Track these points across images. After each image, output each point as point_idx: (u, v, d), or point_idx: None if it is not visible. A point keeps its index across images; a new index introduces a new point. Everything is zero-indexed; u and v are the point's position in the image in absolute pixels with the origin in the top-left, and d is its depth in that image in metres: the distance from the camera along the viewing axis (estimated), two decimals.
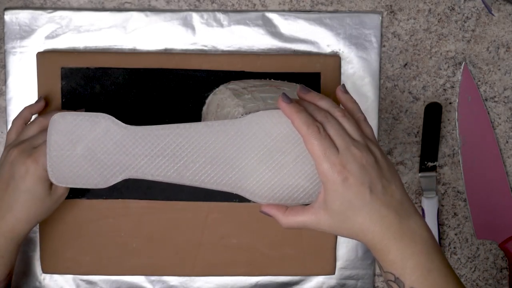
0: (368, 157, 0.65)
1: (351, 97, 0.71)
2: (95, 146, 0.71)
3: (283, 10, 0.87)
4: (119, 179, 0.71)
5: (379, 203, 0.64)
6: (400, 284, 0.65)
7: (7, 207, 0.76)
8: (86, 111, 0.84)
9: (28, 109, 0.82)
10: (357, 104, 0.70)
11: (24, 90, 0.86)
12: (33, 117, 0.83)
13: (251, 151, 0.68)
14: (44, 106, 0.83)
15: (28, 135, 0.78)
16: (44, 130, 0.78)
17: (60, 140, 0.71)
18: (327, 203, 0.65)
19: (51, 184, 0.77)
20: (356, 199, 0.64)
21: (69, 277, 0.89)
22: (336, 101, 0.87)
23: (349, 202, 0.64)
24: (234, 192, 0.69)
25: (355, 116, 0.69)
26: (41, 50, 0.86)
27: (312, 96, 0.69)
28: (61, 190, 0.78)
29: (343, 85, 0.71)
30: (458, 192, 0.91)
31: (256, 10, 0.87)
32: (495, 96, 0.90)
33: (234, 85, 0.82)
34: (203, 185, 0.70)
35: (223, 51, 0.87)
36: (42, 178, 0.75)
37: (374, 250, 0.66)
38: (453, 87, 0.89)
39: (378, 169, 0.65)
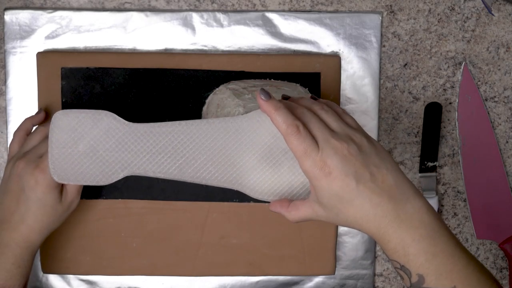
0: (350, 147, 0.63)
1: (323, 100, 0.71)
2: (97, 144, 0.71)
3: (283, 10, 0.87)
4: (120, 176, 0.71)
5: (368, 192, 0.63)
6: (407, 272, 0.63)
7: (19, 218, 0.76)
8: None
9: (29, 120, 0.82)
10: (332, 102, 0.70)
11: (24, 90, 0.86)
12: (34, 128, 0.83)
13: (252, 148, 0.69)
14: (45, 117, 0.83)
15: (31, 145, 0.79)
16: (46, 138, 0.78)
17: (62, 137, 0.71)
18: (318, 198, 0.65)
19: (61, 191, 0.77)
20: (343, 192, 0.63)
21: (69, 277, 0.89)
22: (336, 102, 0.87)
23: (337, 196, 0.63)
24: (235, 189, 0.69)
25: (334, 109, 0.68)
26: (41, 50, 0.86)
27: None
28: (71, 197, 0.78)
29: (313, 96, 0.71)
30: (458, 192, 0.91)
31: (256, 10, 0.87)
32: (495, 96, 0.90)
33: (234, 85, 0.82)
34: (204, 182, 0.70)
35: (223, 51, 0.87)
36: (52, 186, 0.75)
37: (375, 239, 0.65)
38: (453, 87, 0.89)
39: (363, 157, 0.63)
